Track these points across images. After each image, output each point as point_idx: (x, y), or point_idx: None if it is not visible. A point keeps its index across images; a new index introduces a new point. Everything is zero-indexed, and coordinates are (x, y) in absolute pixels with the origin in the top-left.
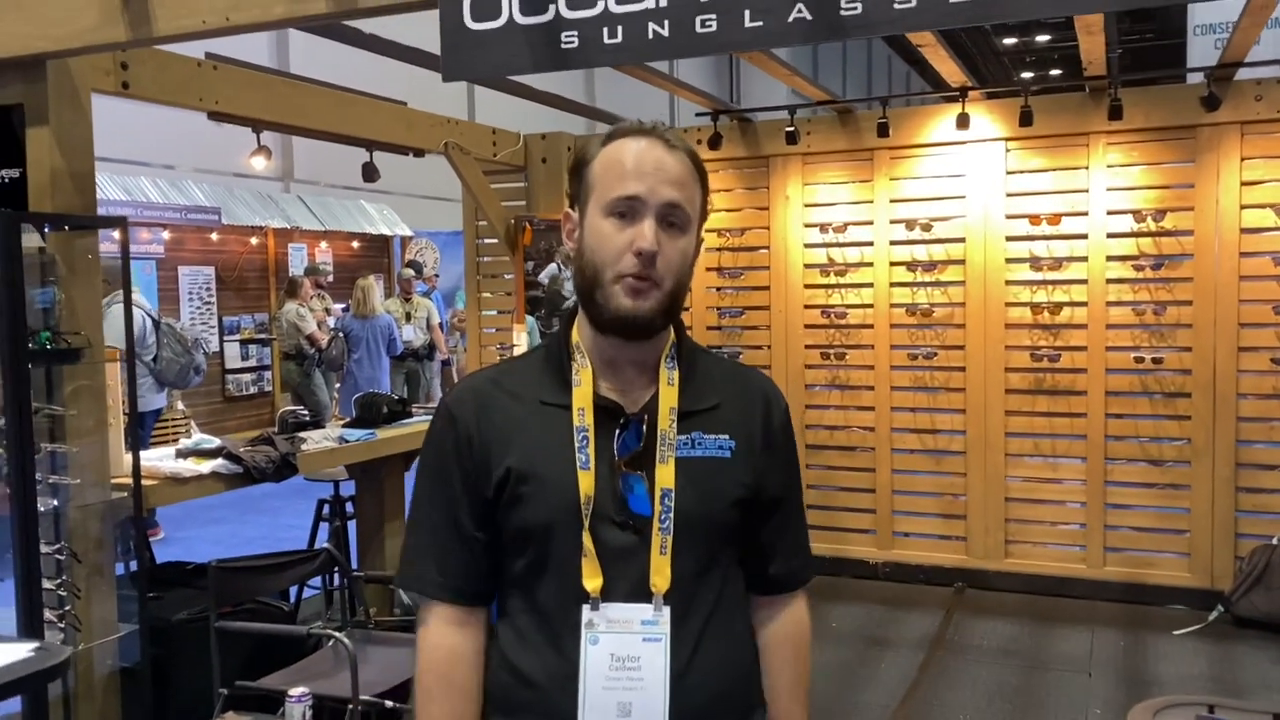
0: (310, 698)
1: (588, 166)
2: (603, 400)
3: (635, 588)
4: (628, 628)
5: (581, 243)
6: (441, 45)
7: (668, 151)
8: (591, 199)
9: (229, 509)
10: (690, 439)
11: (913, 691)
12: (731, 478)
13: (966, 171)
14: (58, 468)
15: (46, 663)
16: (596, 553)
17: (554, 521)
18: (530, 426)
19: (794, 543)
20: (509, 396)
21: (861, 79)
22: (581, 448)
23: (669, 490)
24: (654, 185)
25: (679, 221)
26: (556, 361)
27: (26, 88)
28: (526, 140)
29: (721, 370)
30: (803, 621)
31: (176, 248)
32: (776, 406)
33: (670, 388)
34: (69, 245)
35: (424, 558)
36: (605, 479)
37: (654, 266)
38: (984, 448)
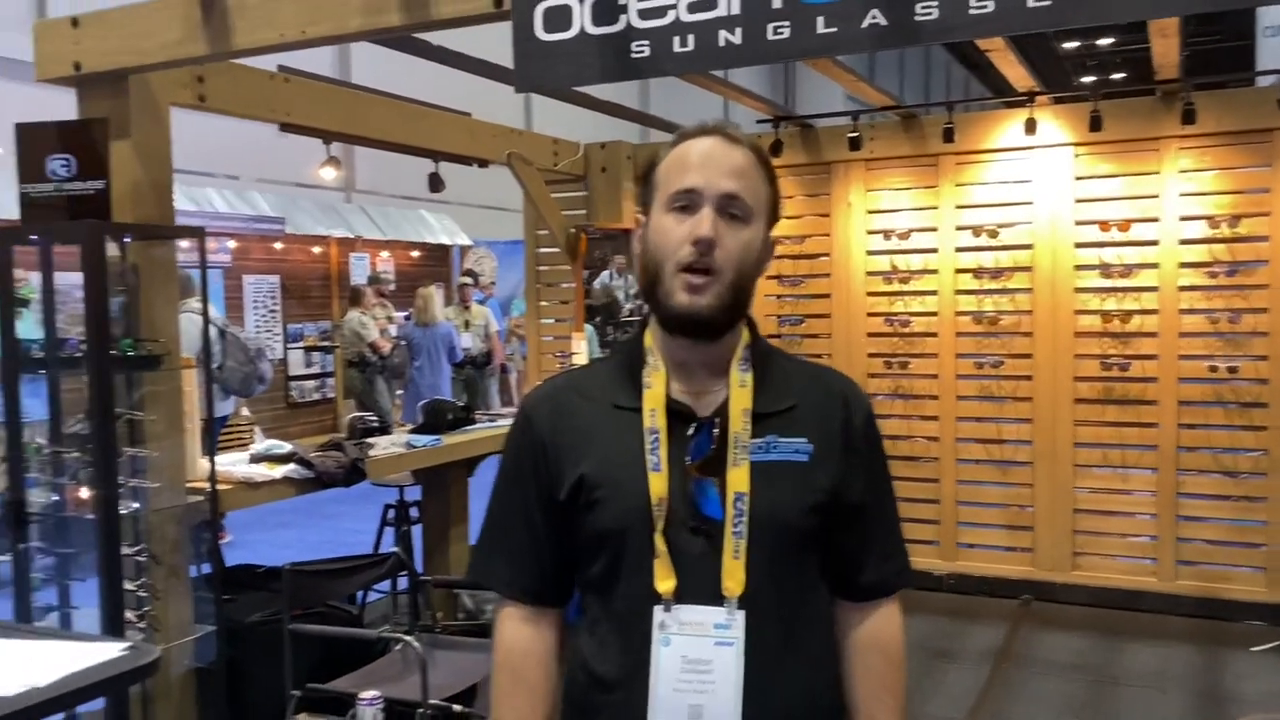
0: (381, 700)
1: (655, 170)
2: (675, 403)
3: (708, 591)
4: (700, 630)
5: (645, 242)
6: (514, 56)
7: (729, 146)
8: (656, 199)
9: (294, 514)
10: (765, 442)
11: (980, 704)
12: (809, 482)
13: (1034, 177)
14: (137, 471)
15: (138, 662)
16: (670, 555)
17: (627, 524)
18: (604, 430)
19: (884, 549)
20: (584, 400)
21: (919, 84)
22: (653, 450)
23: (742, 494)
24: (711, 177)
25: (740, 213)
26: (630, 365)
27: (111, 102)
28: (587, 149)
29: (799, 372)
30: (893, 629)
31: (242, 257)
32: (858, 409)
33: (742, 389)
34: (147, 254)
35: (497, 556)
36: (677, 482)
37: (711, 255)
38: (1052, 458)
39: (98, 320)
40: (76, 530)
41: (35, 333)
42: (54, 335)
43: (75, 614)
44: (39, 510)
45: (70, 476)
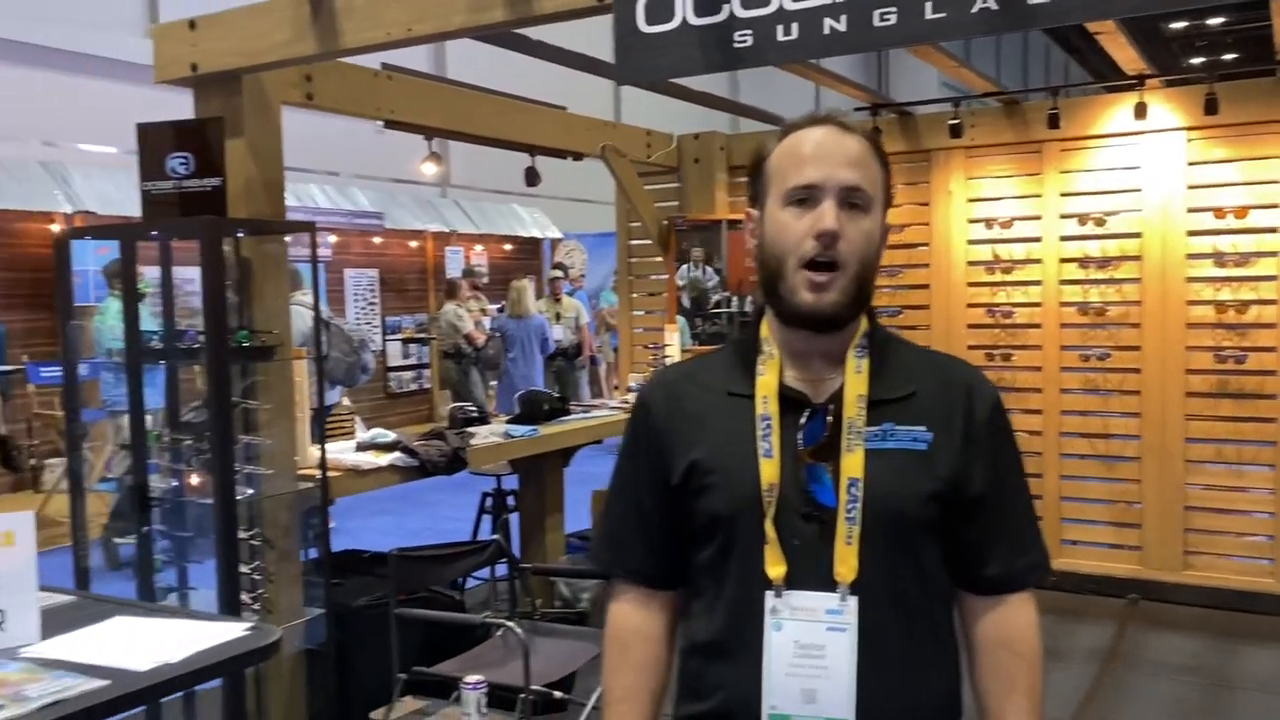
0: (485, 685)
1: (765, 162)
2: (789, 390)
3: (820, 577)
4: (812, 615)
5: (762, 237)
6: (615, 49)
7: (844, 135)
8: (770, 192)
9: (393, 501)
10: (882, 430)
11: (1087, 705)
12: (926, 471)
13: (1143, 163)
14: (251, 458)
15: (261, 642)
16: (780, 541)
17: (738, 510)
18: (717, 417)
19: (1014, 542)
20: (699, 388)
21: (1016, 68)
22: (765, 436)
23: (856, 480)
24: (832, 169)
25: (861, 203)
26: (745, 353)
27: (225, 102)
28: (680, 141)
29: (920, 360)
30: (1023, 625)
31: (342, 251)
32: (982, 398)
33: (858, 376)
34: (259, 249)
35: (611, 539)
36: (789, 469)
37: (836, 248)
38: (1161, 454)
39: (215, 312)
40: (193, 515)
41: (150, 325)
42: (173, 327)
43: (193, 595)
44: (159, 495)
45: (187, 463)
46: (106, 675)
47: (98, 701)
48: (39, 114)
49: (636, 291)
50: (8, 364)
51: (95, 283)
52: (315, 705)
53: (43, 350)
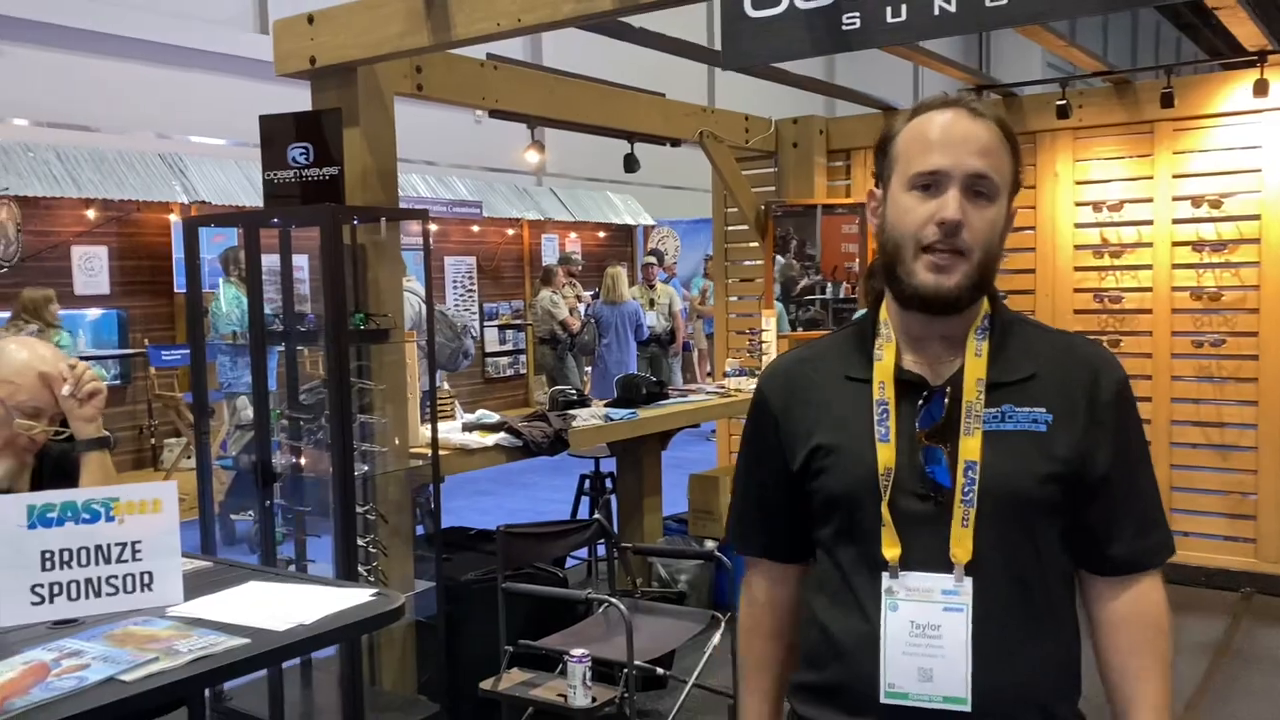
0: (589, 659)
1: (892, 142)
2: (906, 374)
3: (936, 558)
4: (928, 596)
5: (884, 219)
6: (722, 34)
7: (973, 120)
8: (895, 174)
9: (492, 482)
10: (1000, 412)
11: (1198, 699)
12: (1046, 453)
13: (1264, 143)
14: (365, 436)
15: (385, 607)
16: (896, 523)
17: (855, 492)
18: (835, 401)
19: (1140, 523)
20: (816, 373)
21: (1125, 45)
22: (881, 420)
23: (973, 463)
24: (959, 156)
25: (986, 191)
26: (863, 337)
27: (341, 93)
28: (778, 125)
29: (1044, 340)
30: (1151, 605)
31: (442, 239)
32: (1108, 378)
33: (978, 359)
34: (373, 236)
35: (740, 519)
36: (906, 452)
37: (959, 236)
38: (1278, 444)
39: (335, 296)
40: (310, 490)
41: (267, 310)
42: (292, 310)
43: (310, 568)
44: (279, 471)
45: (304, 441)
46: (246, 634)
47: (241, 658)
48: (153, 107)
49: (732, 278)
50: (129, 347)
51: (211, 270)
52: (425, 674)
53: (162, 334)
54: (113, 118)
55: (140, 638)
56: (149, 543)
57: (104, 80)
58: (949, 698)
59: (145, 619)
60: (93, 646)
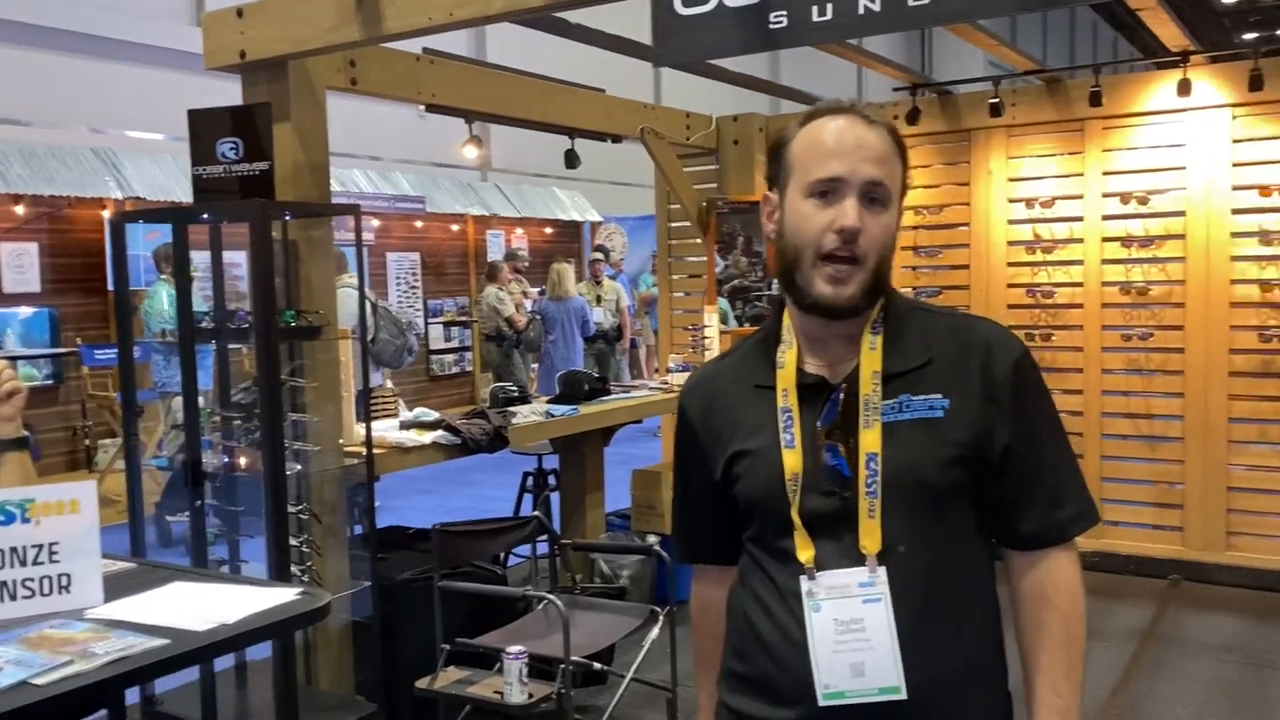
0: (526, 655)
1: (786, 148)
2: (808, 377)
3: (850, 553)
4: (846, 592)
5: (782, 224)
6: (653, 32)
7: (868, 128)
8: (792, 180)
9: (435, 481)
10: (898, 402)
11: (1124, 684)
12: (945, 438)
13: (1188, 141)
14: (298, 435)
15: (311, 605)
16: (808, 525)
17: (767, 496)
18: (747, 410)
19: (1050, 497)
20: (730, 384)
21: (1063, 46)
22: (786, 427)
23: (874, 455)
24: (855, 164)
25: (880, 198)
26: (769, 345)
27: (272, 87)
28: (719, 122)
29: (938, 325)
30: (1060, 576)
31: (384, 235)
32: (1002, 354)
33: (872, 353)
34: (306, 232)
35: (680, 532)
36: (811, 453)
37: (856, 244)
38: (1204, 434)
39: (264, 293)
40: (244, 490)
41: (200, 308)
42: (223, 307)
43: (243, 568)
44: (211, 471)
45: (237, 440)
46: (167, 635)
47: (159, 659)
48: (87, 101)
49: (676, 274)
50: (62, 347)
51: (144, 267)
52: (362, 674)
53: (95, 333)
54: (44, 111)
55: (56, 641)
56: (66, 544)
57: (35, 73)
58: (884, 688)
59: (62, 622)
60: (6, 650)
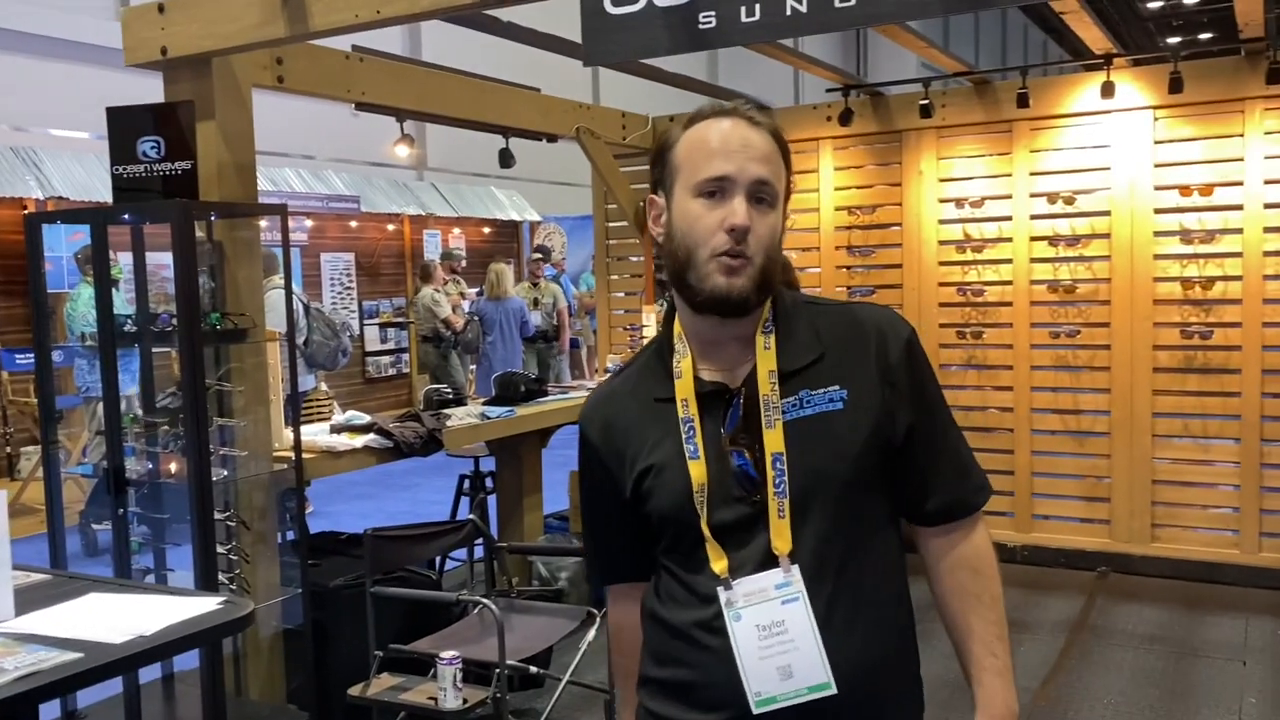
0: (460, 660)
1: (671, 150)
2: (706, 385)
3: (765, 557)
4: (764, 596)
5: (670, 226)
6: (583, 30)
7: (753, 129)
8: (678, 181)
9: (372, 485)
10: (798, 399)
11: (1054, 675)
12: (848, 428)
13: (1112, 142)
14: (226, 440)
15: (234, 614)
16: (718, 535)
17: (677, 509)
18: (649, 425)
19: (953, 470)
20: (630, 399)
21: (995, 48)
22: (689, 439)
23: (779, 454)
24: (743, 163)
25: (767, 198)
26: (664, 356)
27: (195, 85)
28: (655, 123)
29: (828, 318)
30: (977, 544)
31: (318, 235)
32: (894, 338)
33: (766, 352)
34: (232, 232)
35: (593, 554)
36: (716, 461)
37: (746, 242)
38: (1130, 428)
39: (188, 294)
40: (170, 497)
41: (125, 310)
42: (147, 310)
43: (170, 577)
44: (135, 478)
45: (163, 446)
46: (80, 648)
47: (72, 673)
48: (8, 99)
49: (615, 273)
50: None
51: (69, 269)
52: (293, 683)
53: (16, 337)
54: None
55: None
56: None
57: None
58: (814, 687)
59: None
60: None
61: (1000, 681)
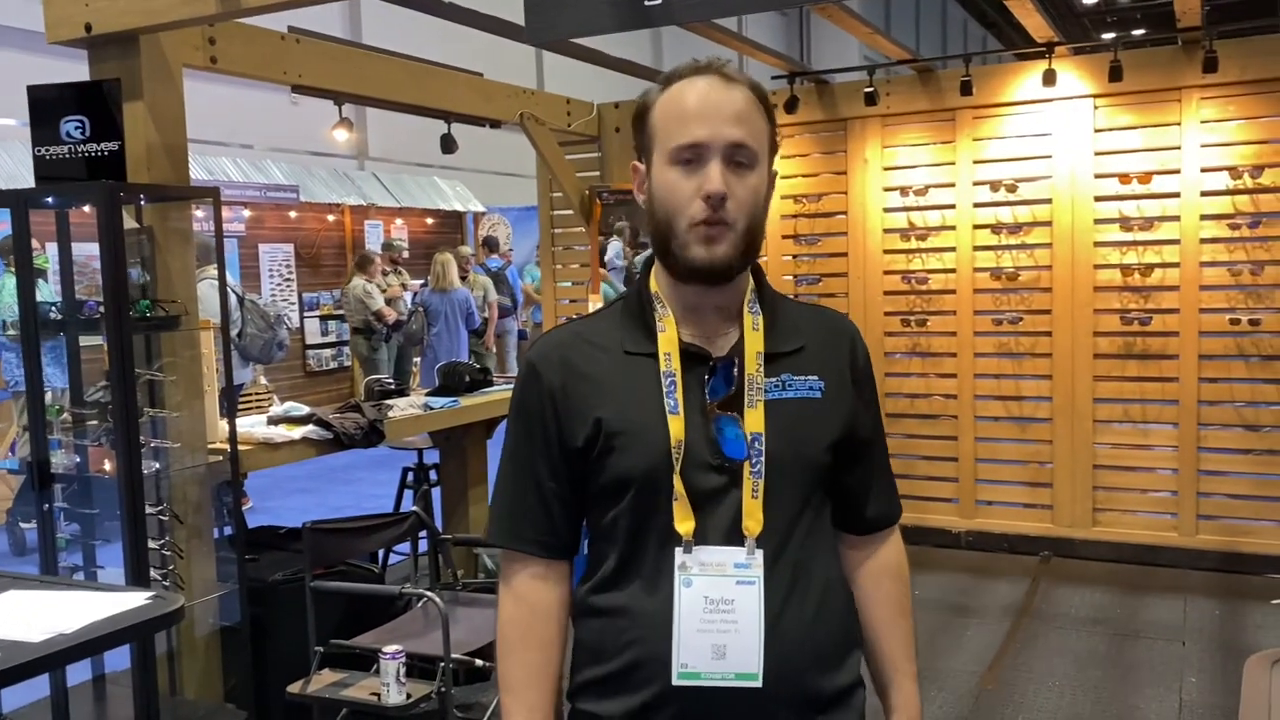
0: (404, 655)
1: (649, 115)
2: (688, 346)
3: (728, 531)
4: (721, 570)
5: (651, 194)
6: (525, 7)
7: (727, 87)
8: (656, 148)
9: (314, 479)
10: (781, 381)
11: (1000, 658)
12: (824, 418)
13: (1053, 130)
14: (158, 433)
15: (162, 610)
16: (689, 496)
17: (649, 468)
18: (617, 376)
19: (888, 481)
20: (593, 348)
21: (935, 42)
22: (669, 393)
23: (759, 434)
24: (716, 127)
25: (746, 160)
26: (637, 312)
27: (122, 63)
28: (600, 109)
29: (804, 313)
30: (901, 554)
31: (257, 226)
32: (860, 346)
33: (755, 332)
34: (164, 217)
35: (506, 512)
36: (696, 425)
37: (725, 208)
38: (1071, 414)
39: (115, 280)
40: (100, 492)
41: (52, 299)
42: (73, 298)
43: (101, 574)
44: (62, 473)
45: (93, 440)
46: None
47: None
48: None
49: (560, 263)
50: None
51: None
52: (231, 681)
53: None
54: None
55: None
56: None
57: None
58: (741, 674)
59: None
60: None
61: (914, 687)
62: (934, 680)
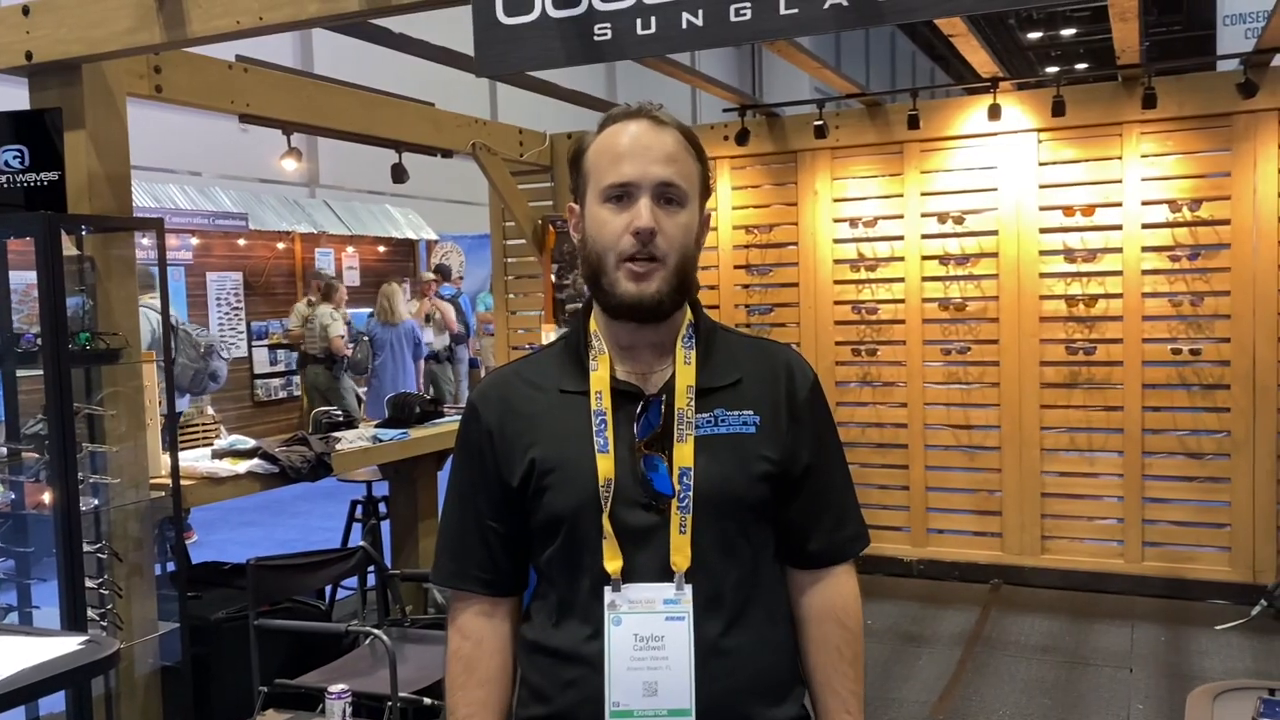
0: (350, 694)
1: (584, 157)
2: (621, 384)
3: (659, 568)
4: (650, 607)
5: (584, 232)
6: (475, 40)
7: (657, 130)
8: (589, 188)
9: (260, 512)
10: (713, 416)
11: (951, 687)
12: (756, 453)
13: (998, 163)
14: (98, 468)
15: (95, 655)
16: (618, 535)
17: (578, 506)
18: (552, 415)
19: (836, 517)
20: (531, 387)
21: (885, 74)
22: (599, 431)
23: (687, 469)
24: (645, 166)
25: (676, 198)
26: (575, 350)
27: (63, 91)
28: (552, 139)
29: (743, 346)
30: (847, 595)
31: (204, 254)
32: (802, 378)
33: (687, 366)
34: (106, 246)
35: (450, 550)
36: (626, 462)
37: (655, 243)
38: (1019, 443)
39: (54, 312)
40: (36, 529)
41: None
42: (9, 330)
43: (36, 614)
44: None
45: (31, 476)
46: None
47: None
48: None
49: (513, 292)
50: None
51: None
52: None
53: None
54: None
55: None
56: None
57: None
58: (674, 710)
59: None
60: None
61: None
62: (886, 710)
